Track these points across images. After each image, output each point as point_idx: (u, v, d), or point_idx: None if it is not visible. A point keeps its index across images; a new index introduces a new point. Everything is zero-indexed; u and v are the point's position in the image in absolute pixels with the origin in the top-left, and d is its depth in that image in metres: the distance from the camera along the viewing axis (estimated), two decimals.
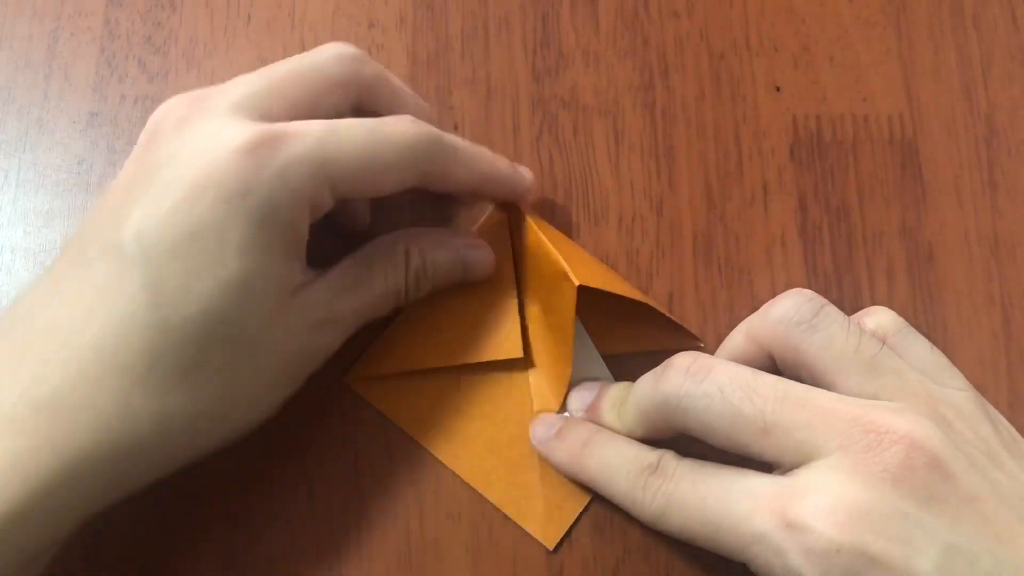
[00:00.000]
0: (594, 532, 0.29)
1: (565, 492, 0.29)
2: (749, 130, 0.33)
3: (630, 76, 0.34)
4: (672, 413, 0.24)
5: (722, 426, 0.23)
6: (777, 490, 0.22)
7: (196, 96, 0.25)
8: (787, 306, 0.25)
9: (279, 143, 0.23)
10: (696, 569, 0.28)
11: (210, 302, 0.22)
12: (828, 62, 0.34)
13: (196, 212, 0.22)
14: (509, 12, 0.34)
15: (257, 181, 0.23)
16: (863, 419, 0.22)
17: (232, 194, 0.22)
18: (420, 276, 0.28)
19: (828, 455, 0.22)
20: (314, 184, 0.24)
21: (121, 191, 0.24)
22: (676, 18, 0.34)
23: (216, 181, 0.22)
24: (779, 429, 0.23)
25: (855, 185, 0.32)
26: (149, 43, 0.34)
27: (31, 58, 0.34)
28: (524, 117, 0.33)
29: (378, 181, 0.25)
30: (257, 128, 0.23)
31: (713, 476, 0.24)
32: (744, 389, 0.23)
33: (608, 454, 0.27)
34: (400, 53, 0.34)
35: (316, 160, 0.24)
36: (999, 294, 0.28)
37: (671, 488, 0.24)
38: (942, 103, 0.33)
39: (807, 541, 0.21)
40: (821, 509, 0.21)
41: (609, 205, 0.32)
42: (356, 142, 0.24)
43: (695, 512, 0.24)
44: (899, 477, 0.21)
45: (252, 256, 0.23)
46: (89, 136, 0.33)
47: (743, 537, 0.23)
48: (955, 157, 0.33)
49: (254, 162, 0.23)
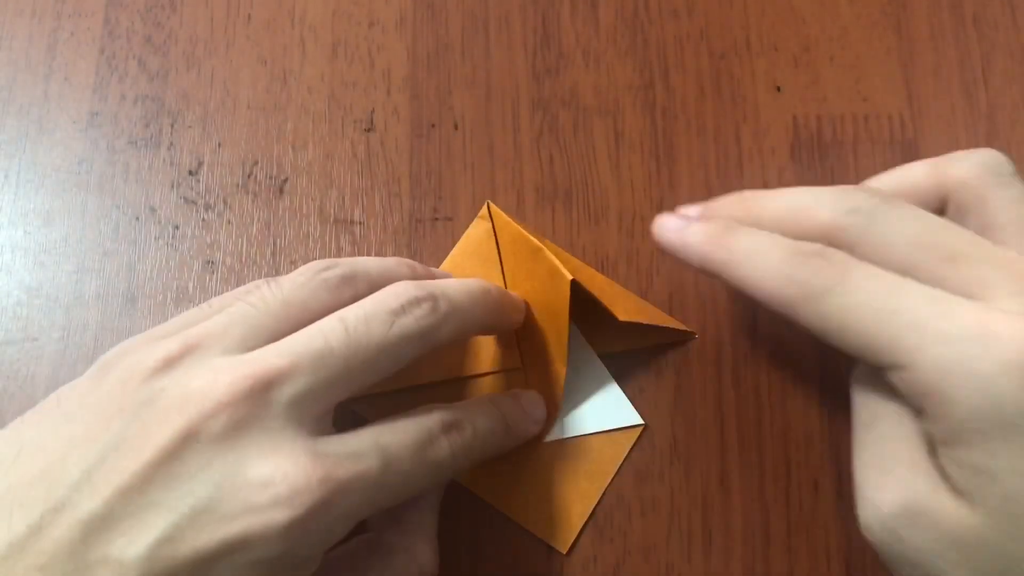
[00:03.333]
0: (594, 532, 0.29)
1: (573, 495, 0.29)
2: (749, 130, 0.33)
3: (630, 76, 0.34)
4: (852, 224, 0.23)
5: (905, 245, 0.22)
6: (976, 305, 0.21)
7: (241, 390, 0.21)
8: (990, 156, 0.24)
9: (332, 502, 0.21)
10: (696, 570, 0.28)
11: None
12: (828, 62, 0.34)
13: (219, 566, 0.20)
14: (509, 12, 0.34)
15: (296, 549, 0.21)
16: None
17: (266, 558, 0.21)
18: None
19: (1014, 297, 0.21)
20: (348, 530, 0.23)
21: (123, 449, 0.21)
22: (676, 18, 0.34)
23: (253, 543, 0.20)
24: (965, 260, 0.22)
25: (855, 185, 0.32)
26: (149, 43, 0.34)
27: (31, 58, 0.34)
28: (524, 117, 0.33)
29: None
30: (308, 472, 0.21)
31: (894, 276, 0.22)
32: (937, 220, 0.22)
33: (759, 237, 0.24)
34: (400, 53, 0.34)
35: (361, 513, 0.23)
36: None
37: (842, 270, 0.22)
38: (942, 103, 0.33)
39: (1011, 353, 0.20)
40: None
41: (609, 205, 0.32)
42: (404, 477, 0.23)
43: (869, 296, 0.22)
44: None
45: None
46: (89, 136, 0.33)
47: (927, 334, 0.21)
48: None
49: (301, 533, 0.21)
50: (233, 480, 0.21)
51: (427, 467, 0.24)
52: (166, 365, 0.22)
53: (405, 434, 0.24)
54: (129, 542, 0.20)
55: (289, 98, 0.34)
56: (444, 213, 0.32)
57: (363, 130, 0.33)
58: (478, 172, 0.33)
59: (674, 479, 0.29)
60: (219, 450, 0.21)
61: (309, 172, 0.33)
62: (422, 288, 0.25)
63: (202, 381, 0.21)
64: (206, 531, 0.20)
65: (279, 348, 0.23)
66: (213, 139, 0.33)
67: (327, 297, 0.25)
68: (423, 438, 0.24)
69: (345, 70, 0.34)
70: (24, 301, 0.31)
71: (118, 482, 0.20)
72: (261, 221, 0.32)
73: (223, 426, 0.21)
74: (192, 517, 0.20)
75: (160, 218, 0.32)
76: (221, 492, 0.20)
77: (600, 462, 0.29)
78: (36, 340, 0.31)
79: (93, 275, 0.32)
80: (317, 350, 0.23)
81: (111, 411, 0.21)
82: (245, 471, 0.21)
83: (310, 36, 0.34)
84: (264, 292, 0.24)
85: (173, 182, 0.33)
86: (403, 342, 0.24)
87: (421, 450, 0.24)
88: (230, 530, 0.20)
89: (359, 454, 0.22)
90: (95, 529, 0.20)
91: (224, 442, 0.21)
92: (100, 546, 0.20)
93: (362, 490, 0.22)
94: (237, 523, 0.20)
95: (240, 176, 0.33)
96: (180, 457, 0.21)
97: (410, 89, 0.34)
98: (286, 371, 0.22)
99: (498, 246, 0.31)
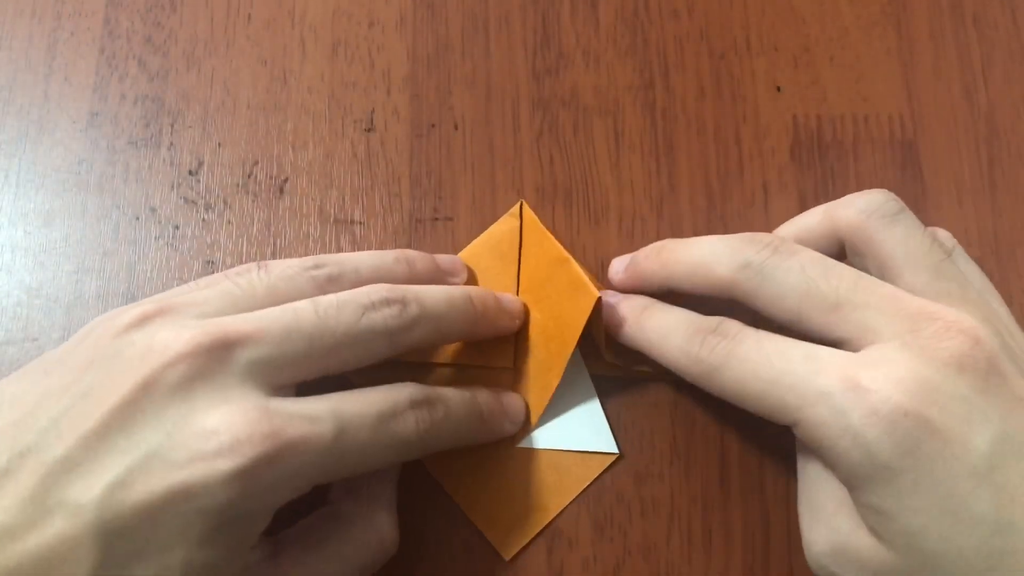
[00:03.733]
0: (594, 532, 0.29)
1: (531, 506, 0.29)
2: (749, 130, 0.33)
3: (630, 76, 0.34)
4: (745, 279, 0.25)
5: (794, 297, 0.24)
6: (846, 359, 0.23)
7: (203, 343, 0.22)
8: (874, 199, 0.26)
9: (279, 457, 0.22)
10: (697, 570, 0.28)
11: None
12: (828, 62, 0.34)
13: (166, 514, 0.21)
14: (509, 12, 0.34)
15: (241, 502, 0.21)
16: (929, 310, 0.23)
17: (211, 507, 0.21)
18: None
19: (896, 338, 0.23)
20: (299, 492, 0.23)
21: (89, 400, 0.22)
22: (676, 18, 0.34)
23: (196, 496, 0.21)
24: (850, 306, 0.23)
25: (855, 185, 0.32)
26: (149, 43, 0.34)
27: (31, 58, 0.34)
28: (524, 117, 0.33)
29: (370, 467, 0.25)
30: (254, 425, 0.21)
31: (778, 340, 0.24)
32: (823, 268, 0.24)
33: (668, 317, 0.27)
34: (400, 53, 0.34)
35: (311, 476, 0.23)
36: (999, 294, 0.28)
37: (732, 345, 0.25)
38: (942, 103, 0.33)
39: (874, 402, 0.22)
40: (892, 377, 0.22)
41: (609, 205, 0.32)
42: (362, 447, 0.23)
43: (754, 367, 0.24)
44: (964, 364, 0.22)
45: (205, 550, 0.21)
46: (89, 136, 0.33)
47: (804, 395, 0.23)
48: (955, 157, 0.33)
49: (245, 484, 0.21)
50: (182, 429, 0.21)
51: (388, 439, 0.24)
52: (140, 322, 0.23)
53: (368, 405, 0.24)
54: (85, 486, 0.21)
55: (289, 98, 0.34)
56: (444, 213, 0.32)
57: (363, 130, 0.33)
58: (478, 172, 0.33)
59: (674, 479, 0.29)
60: (173, 399, 0.22)
61: (309, 172, 0.33)
62: (394, 291, 0.25)
63: (168, 334, 0.22)
64: (155, 477, 0.21)
65: (247, 316, 0.23)
66: (213, 139, 0.33)
67: (311, 293, 0.25)
68: (386, 410, 0.24)
69: (345, 70, 0.34)
70: (24, 301, 0.31)
71: (81, 429, 0.21)
72: (261, 221, 0.32)
73: (180, 376, 0.22)
74: (144, 462, 0.21)
75: (160, 218, 0.32)
76: (171, 440, 0.21)
77: (566, 480, 0.29)
78: (36, 340, 0.31)
79: (93, 275, 0.32)
80: (285, 324, 0.23)
81: (83, 364, 0.23)
82: (194, 420, 0.21)
83: (310, 36, 0.34)
84: (252, 276, 0.25)
85: (173, 182, 0.33)
86: (370, 335, 0.24)
87: (383, 422, 0.24)
88: (176, 477, 0.21)
89: (314, 417, 0.23)
90: (56, 472, 0.21)
91: (178, 392, 0.22)
92: (59, 489, 0.21)
93: (312, 452, 0.22)
94: (183, 471, 0.21)
95: (240, 176, 0.33)
96: (138, 405, 0.21)
97: (410, 89, 0.34)
98: (250, 335, 0.23)
99: (520, 246, 0.31)
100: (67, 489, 0.21)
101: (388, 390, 0.25)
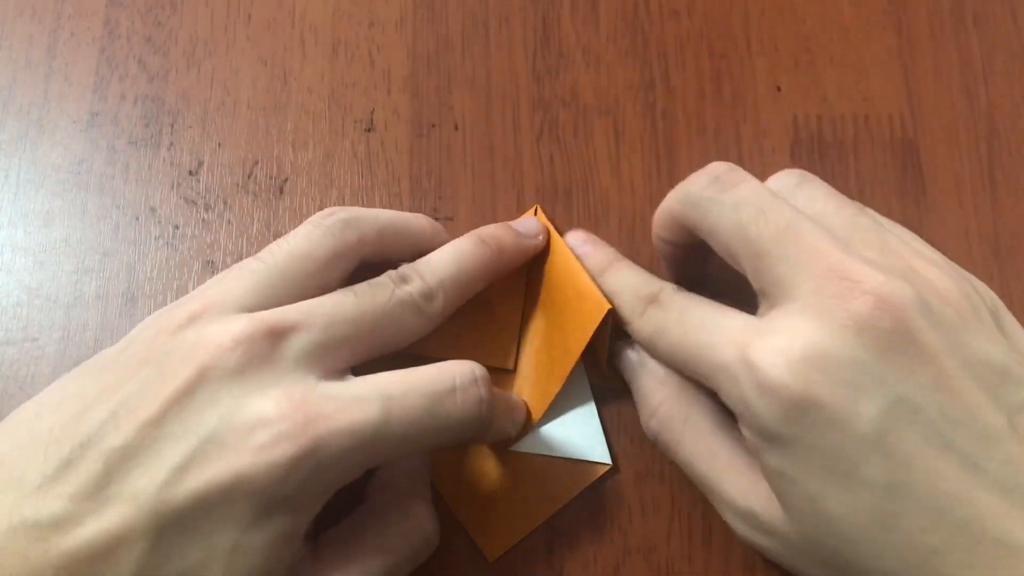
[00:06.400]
0: (594, 532, 0.29)
1: (518, 511, 0.29)
2: (749, 130, 0.33)
3: (630, 76, 0.34)
4: (690, 210, 0.26)
5: (724, 237, 0.25)
6: (747, 327, 0.24)
7: (258, 330, 0.23)
8: (779, 177, 0.27)
9: (327, 442, 0.22)
10: (697, 570, 0.28)
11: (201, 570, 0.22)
12: (829, 62, 0.34)
13: (218, 498, 0.21)
14: (509, 12, 0.34)
15: (291, 488, 0.22)
16: (840, 267, 0.22)
17: (260, 492, 0.22)
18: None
19: (800, 298, 0.23)
20: (351, 476, 0.23)
21: (144, 410, 0.22)
22: (676, 18, 0.34)
23: (248, 482, 0.21)
24: (770, 258, 0.23)
25: (856, 185, 0.32)
26: (149, 43, 0.34)
27: (31, 58, 0.34)
28: (524, 117, 0.33)
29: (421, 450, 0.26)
30: (301, 412, 0.22)
31: (700, 309, 0.26)
32: (756, 210, 0.24)
33: (617, 280, 0.28)
34: (400, 53, 0.34)
35: (360, 461, 0.23)
36: (999, 293, 0.28)
37: (662, 316, 0.26)
38: (943, 103, 0.33)
39: (758, 377, 0.22)
40: (777, 349, 0.22)
41: (609, 205, 0.32)
42: (410, 428, 0.23)
43: (677, 339, 0.26)
44: (863, 327, 0.22)
45: (253, 535, 0.22)
46: (89, 136, 0.33)
47: (711, 366, 0.24)
48: (956, 156, 0.33)
49: (295, 469, 0.22)
50: (236, 414, 0.22)
51: (438, 420, 0.24)
52: (189, 321, 0.24)
53: (417, 384, 0.24)
54: (143, 474, 0.21)
55: (289, 98, 0.34)
56: (444, 213, 0.32)
57: (363, 130, 0.33)
58: (478, 172, 0.33)
59: (674, 479, 0.29)
60: (227, 384, 0.22)
61: (309, 172, 0.33)
62: (408, 267, 0.27)
63: (219, 327, 0.23)
64: (209, 463, 0.21)
65: (291, 307, 0.24)
66: (213, 139, 0.33)
67: (331, 242, 0.26)
68: (439, 389, 0.24)
69: (345, 70, 0.34)
70: (24, 301, 0.31)
71: (139, 418, 0.22)
72: (261, 221, 0.32)
73: (236, 361, 0.22)
74: (199, 448, 0.22)
75: (160, 218, 0.32)
76: (225, 424, 0.22)
77: (556, 487, 0.29)
78: (36, 340, 0.31)
79: (93, 275, 0.32)
80: (327, 311, 0.24)
81: (139, 362, 0.23)
82: (247, 405, 0.22)
83: (310, 36, 0.34)
84: (272, 248, 0.26)
85: (173, 182, 0.33)
86: (401, 310, 0.25)
87: (432, 401, 0.24)
88: (229, 462, 0.21)
89: (361, 397, 0.23)
90: (116, 461, 0.21)
91: (233, 377, 0.22)
92: (119, 478, 0.21)
93: (357, 434, 0.22)
94: (235, 456, 0.21)
95: (240, 176, 0.33)
96: (193, 392, 0.22)
97: (410, 89, 0.34)
98: (300, 324, 0.24)
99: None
100: (126, 478, 0.21)
101: (440, 368, 0.25)
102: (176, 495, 0.21)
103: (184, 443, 0.22)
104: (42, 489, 0.21)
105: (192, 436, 0.22)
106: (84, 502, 0.21)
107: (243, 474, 0.21)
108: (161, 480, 0.21)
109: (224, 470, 0.21)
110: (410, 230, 0.28)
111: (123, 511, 0.21)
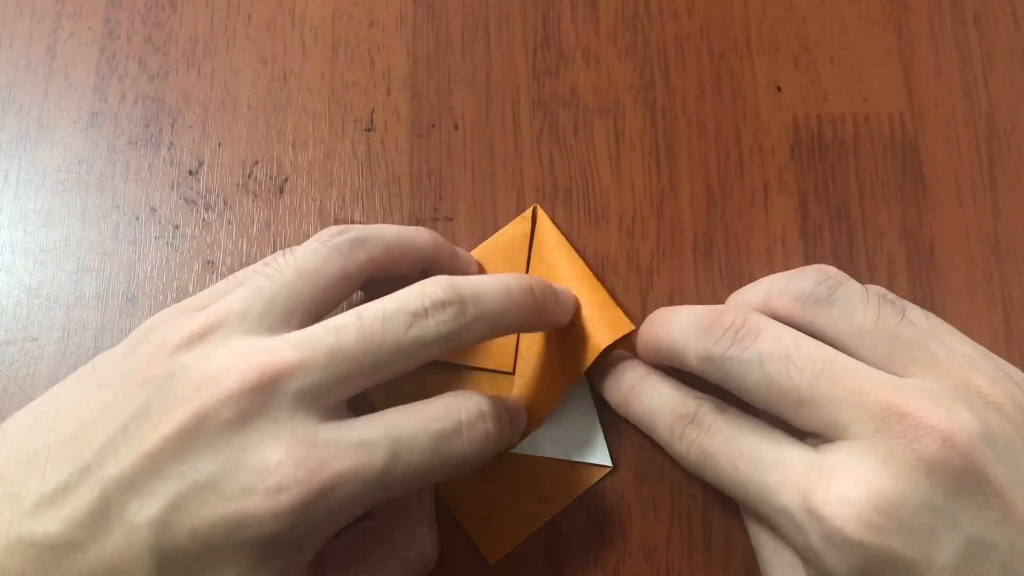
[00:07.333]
0: (594, 532, 0.29)
1: (519, 513, 0.29)
2: (750, 130, 0.33)
3: (630, 76, 0.34)
4: (712, 370, 0.25)
5: (759, 392, 0.24)
6: (806, 467, 0.23)
7: (251, 379, 0.22)
8: (804, 285, 0.25)
9: (330, 491, 0.22)
10: (697, 570, 0.28)
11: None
12: (829, 62, 0.34)
13: (219, 539, 0.21)
14: (509, 12, 0.34)
15: (297, 533, 0.22)
16: (897, 403, 0.22)
17: (262, 537, 0.21)
18: None
19: (862, 438, 0.22)
20: (353, 517, 0.23)
21: (144, 427, 0.22)
22: (676, 18, 0.34)
23: (253, 527, 0.21)
24: (814, 404, 0.23)
25: (856, 185, 0.32)
26: (149, 43, 0.34)
27: (31, 58, 0.34)
28: (524, 117, 0.33)
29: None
30: (303, 462, 0.21)
31: (747, 436, 0.24)
32: (783, 360, 0.23)
33: (652, 399, 0.27)
34: (400, 53, 0.34)
35: (365, 503, 0.23)
36: (1000, 294, 0.28)
37: (706, 443, 0.25)
38: (943, 103, 0.33)
39: (826, 529, 0.21)
40: (844, 499, 0.21)
41: (609, 205, 0.32)
42: (416, 469, 0.23)
43: (727, 473, 0.24)
44: (933, 468, 0.21)
45: (257, 571, 0.22)
46: (89, 136, 0.33)
47: (770, 507, 0.23)
48: (956, 157, 0.33)
49: (296, 518, 0.21)
50: (235, 463, 0.21)
51: (444, 459, 0.24)
52: (190, 342, 0.23)
53: (424, 423, 0.24)
54: (140, 506, 0.21)
55: (289, 98, 0.34)
56: (444, 213, 0.32)
57: (363, 130, 0.33)
58: (478, 172, 0.33)
59: (674, 479, 0.29)
60: (225, 435, 0.22)
61: (309, 172, 0.33)
62: (452, 289, 0.24)
63: (218, 364, 0.22)
64: (208, 506, 0.21)
65: (292, 340, 0.23)
66: (213, 139, 0.33)
67: (340, 261, 0.25)
68: (445, 429, 0.24)
69: (345, 70, 0.34)
70: (24, 301, 0.31)
71: (137, 450, 0.22)
72: (261, 221, 0.32)
73: (231, 414, 0.22)
74: (197, 491, 0.21)
75: (160, 218, 0.32)
76: (224, 472, 0.21)
77: (557, 489, 0.29)
78: (36, 340, 0.31)
79: (93, 275, 0.32)
80: (328, 348, 0.23)
81: (138, 382, 0.23)
82: (247, 456, 0.22)
83: (310, 36, 0.34)
84: (280, 263, 0.25)
85: (173, 182, 0.33)
86: (419, 346, 0.23)
87: (439, 441, 0.24)
88: (228, 508, 0.21)
89: (365, 442, 0.23)
90: (115, 490, 0.21)
91: (231, 429, 0.22)
92: (118, 507, 0.21)
93: (363, 481, 0.22)
94: (235, 503, 0.21)
95: (240, 176, 0.33)
96: (192, 435, 0.22)
97: (410, 89, 0.34)
98: (296, 365, 0.23)
99: (530, 252, 0.31)
100: (125, 508, 0.21)
101: (446, 404, 0.24)
102: (176, 530, 0.21)
103: (182, 484, 0.21)
104: (39, 508, 0.21)
105: (189, 479, 0.21)
106: (81, 527, 0.21)
107: (242, 519, 0.21)
108: (157, 514, 0.21)
109: (223, 513, 0.21)
110: (415, 245, 0.28)
111: (123, 541, 0.21)
